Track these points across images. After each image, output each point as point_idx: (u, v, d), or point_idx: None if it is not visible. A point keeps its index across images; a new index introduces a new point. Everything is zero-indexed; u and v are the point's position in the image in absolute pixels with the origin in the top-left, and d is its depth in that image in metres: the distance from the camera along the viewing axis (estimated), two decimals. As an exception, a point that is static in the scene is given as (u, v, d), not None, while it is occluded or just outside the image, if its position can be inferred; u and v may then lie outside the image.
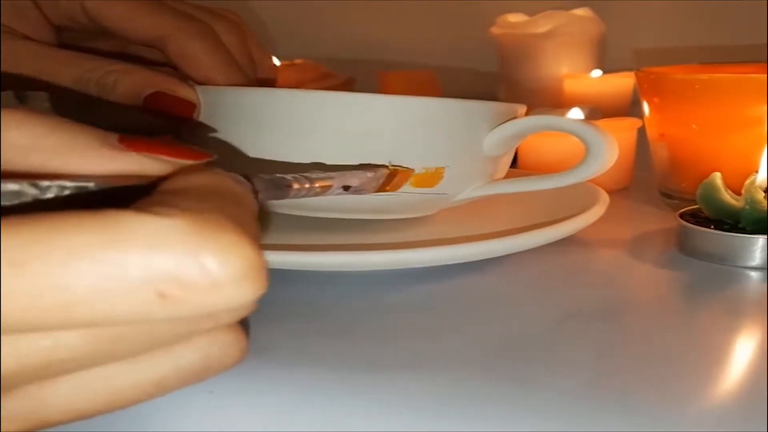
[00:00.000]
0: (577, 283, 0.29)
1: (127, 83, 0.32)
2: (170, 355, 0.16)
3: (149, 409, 0.20)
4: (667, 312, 0.27)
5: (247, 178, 0.18)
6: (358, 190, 0.25)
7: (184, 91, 0.32)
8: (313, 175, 0.23)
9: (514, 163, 0.37)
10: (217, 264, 0.13)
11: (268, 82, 0.40)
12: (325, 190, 0.23)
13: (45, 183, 0.15)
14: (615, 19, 0.73)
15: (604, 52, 0.71)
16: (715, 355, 0.23)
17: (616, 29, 0.72)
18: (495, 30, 0.72)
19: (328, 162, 0.29)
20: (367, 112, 0.29)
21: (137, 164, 0.17)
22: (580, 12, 0.70)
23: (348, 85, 0.81)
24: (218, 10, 0.37)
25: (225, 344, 0.16)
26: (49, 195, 0.15)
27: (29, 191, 0.14)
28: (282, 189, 0.21)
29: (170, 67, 0.35)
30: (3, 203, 0.14)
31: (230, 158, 0.30)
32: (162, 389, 0.16)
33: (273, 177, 0.21)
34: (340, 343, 0.24)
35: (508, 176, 0.34)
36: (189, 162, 0.17)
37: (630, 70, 0.60)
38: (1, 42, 0.33)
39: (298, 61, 0.82)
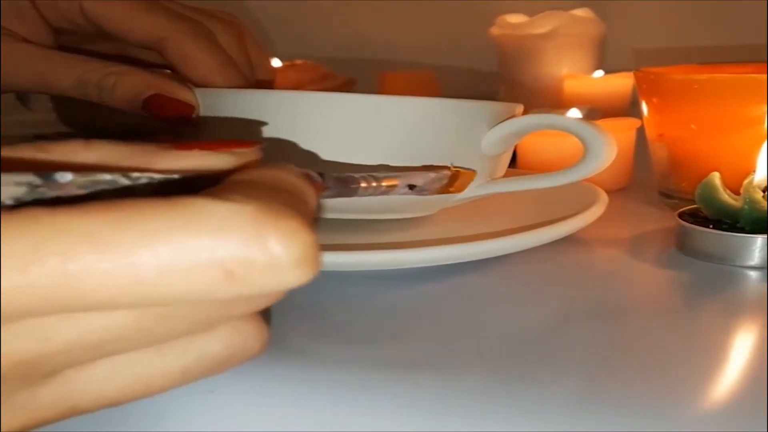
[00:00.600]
0: (576, 283, 0.29)
1: (126, 85, 0.32)
2: (196, 343, 0.17)
3: (150, 408, 0.20)
4: (666, 311, 0.27)
5: (320, 174, 0.20)
6: (422, 191, 0.26)
7: (182, 93, 0.32)
8: (380, 175, 0.23)
9: (513, 162, 0.37)
10: (281, 247, 0.14)
11: (267, 83, 0.40)
12: (391, 189, 0.24)
13: (136, 174, 0.16)
14: (614, 19, 0.73)
15: (604, 52, 0.71)
16: (715, 354, 0.23)
17: (616, 29, 0.73)
18: (494, 30, 0.72)
19: (328, 161, 0.29)
20: (366, 112, 0.29)
21: (200, 160, 0.18)
22: (580, 12, 0.70)
23: (348, 85, 0.81)
24: (216, 12, 0.37)
25: (248, 334, 0.17)
26: (141, 182, 0.16)
27: (121, 181, 0.16)
28: (350, 187, 0.22)
29: (168, 70, 0.35)
30: (98, 189, 0.16)
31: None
32: (188, 377, 0.17)
33: (343, 175, 0.22)
34: (340, 342, 0.24)
35: (507, 175, 0.34)
36: (242, 150, 0.18)
37: (629, 70, 0.60)
38: (1, 43, 0.33)
39: (297, 61, 0.82)
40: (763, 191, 0.31)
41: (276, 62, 0.82)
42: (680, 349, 0.23)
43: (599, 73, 0.67)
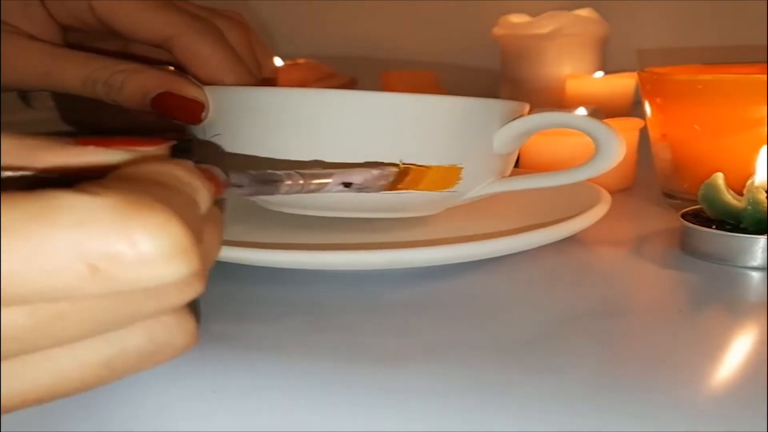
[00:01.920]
0: (579, 283, 0.29)
1: (135, 83, 0.32)
2: (115, 337, 0.16)
3: (150, 408, 0.20)
4: (669, 312, 0.27)
5: (228, 173, 0.19)
6: (361, 188, 0.25)
7: (192, 91, 0.32)
8: (308, 172, 0.23)
9: (516, 163, 0.37)
10: (146, 240, 0.14)
11: (270, 82, 0.40)
12: (321, 186, 0.23)
13: (8, 173, 0.16)
14: (617, 19, 0.73)
15: (607, 52, 0.71)
16: (717, 354, 0.23)
17: (619, 30, 0.72)
18: (497, 31, 0.72)
19: (339, 161, 0.29)
20: (377, 110, 0.29)
21: (93, 156, 0.18)
22: (583, 12, 0.70)
23: (350, 85, 0.81)
24: (222, 11, 0.37)
25: (171, 326, 0.17)
26: (13, 177, 0.16)
27: None
28: (272, 184, 0.21)
29: (176, 68, 0.35)
30: None
31: (238, 158, 0.30)
32: (112, 372, 0.16)
33: (261, 173, 0.21)
34: (342, 341, 0.24)
35: (513, 175, 0.34)
36: (144, 149, 0.18)
37: (632, 70, 0.60)
38: (8, 41, 0.33)
39: (300, 60, 0.82)
40: (767, 192, 0.31)
41: (278, 61, 0.82)
42: (683, 349, 0.23)
43: (600, 74, 0.67)
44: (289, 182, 0.22)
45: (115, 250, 0.14)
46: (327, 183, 0.23)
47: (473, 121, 0.30)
